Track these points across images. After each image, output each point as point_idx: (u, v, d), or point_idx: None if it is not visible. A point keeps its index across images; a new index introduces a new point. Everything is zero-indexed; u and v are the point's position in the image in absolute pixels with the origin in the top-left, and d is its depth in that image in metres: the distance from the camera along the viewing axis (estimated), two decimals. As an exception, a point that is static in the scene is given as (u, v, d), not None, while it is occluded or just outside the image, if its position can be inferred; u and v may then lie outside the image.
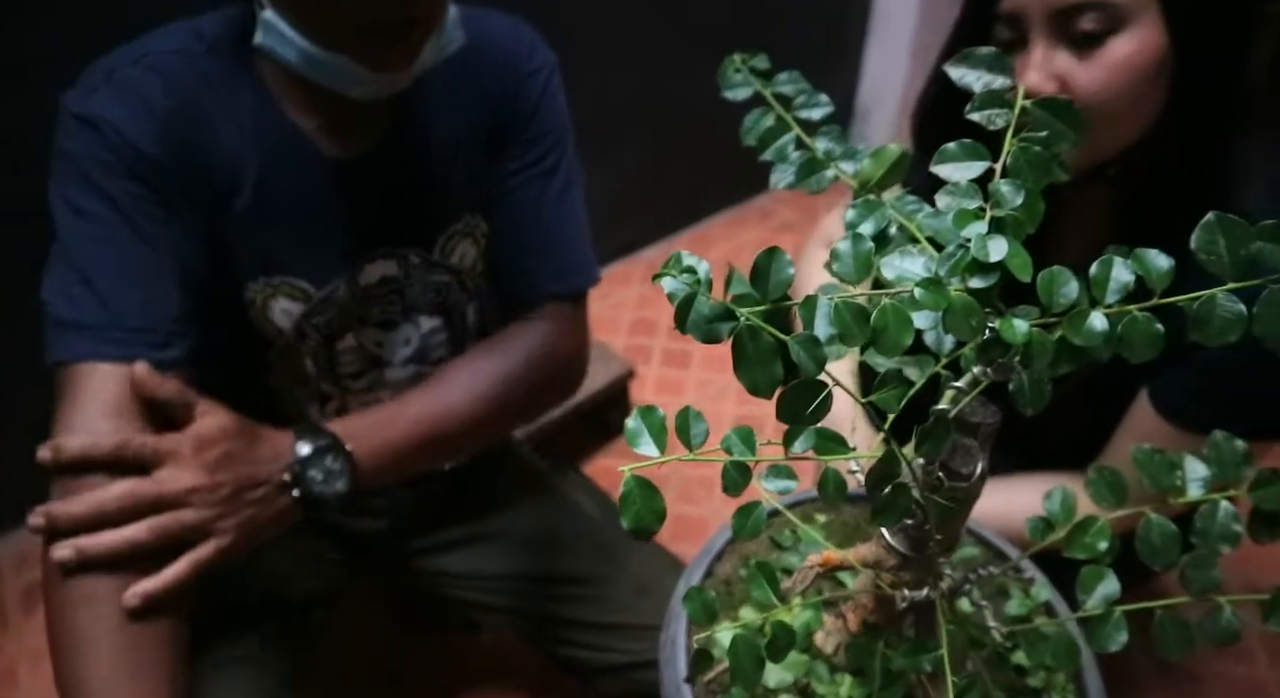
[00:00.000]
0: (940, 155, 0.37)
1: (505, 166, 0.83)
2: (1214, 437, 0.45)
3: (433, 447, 0.79)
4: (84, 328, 0.67)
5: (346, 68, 0.66)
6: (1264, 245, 0.32)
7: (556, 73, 0.85)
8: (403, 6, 0.62)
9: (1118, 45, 0.68)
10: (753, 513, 0.43)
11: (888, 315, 0.31)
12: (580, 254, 0.87)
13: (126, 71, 0.70)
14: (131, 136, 0.68)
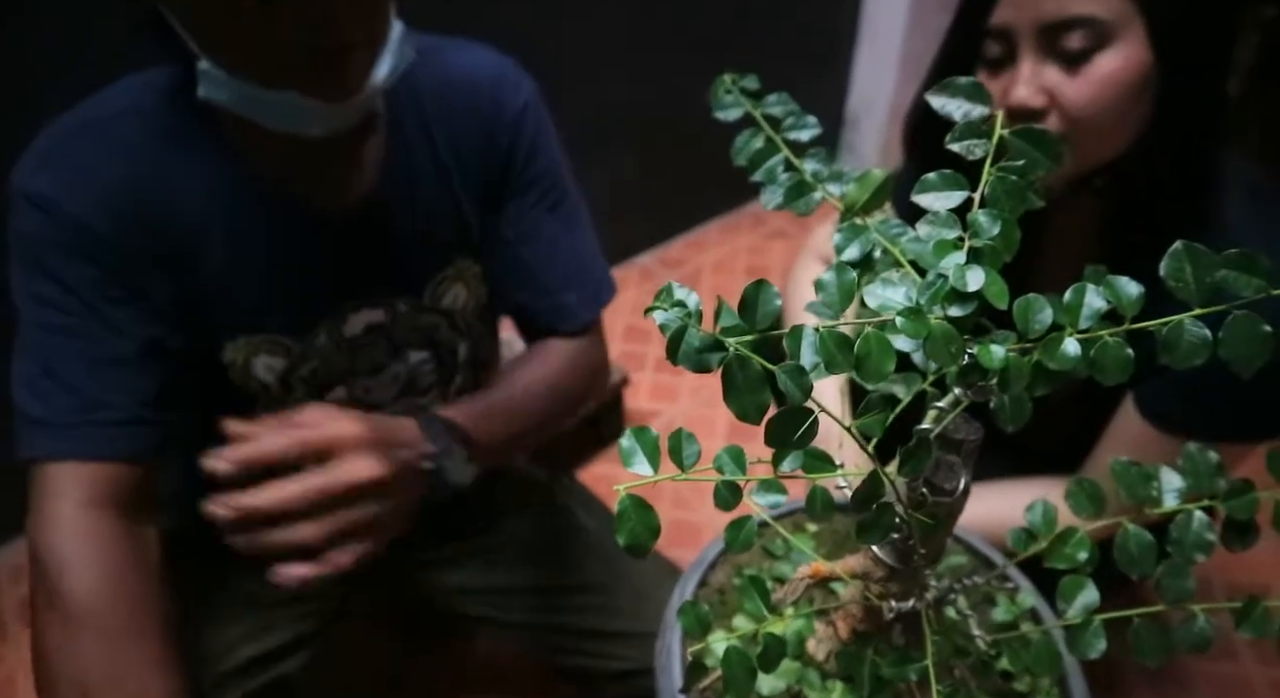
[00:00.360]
0: (921, 185, 0.38)
1: (514, 211, 0.83)
2: (1188, 448, 0.46)
3: (516, 441, 0.81)
4: (50, 425, 0.66)
5: (295, 104, 0.63)
6: (1228, 273, 0.34)
7: (540, 101, 0.85)
8: (334, 32, 0.60)
9: (1104, 61, 0.70)
10: (744, 526, 0.44)
11: (870, 343, 0.33)
12: (601, 273, 0.90)
13: (72, 145, 0.68)
14: (82, 217, 0.66)
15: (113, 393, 0.68)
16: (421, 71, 0.76)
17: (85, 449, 0.66)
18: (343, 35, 0.60)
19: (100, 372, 0.67)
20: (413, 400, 0.88)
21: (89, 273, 0.67)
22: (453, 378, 0.91)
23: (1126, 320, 0.35)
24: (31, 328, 0.67)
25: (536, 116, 0.83)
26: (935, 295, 0.34)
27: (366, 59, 0.64)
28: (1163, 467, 0.47)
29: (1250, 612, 0.41)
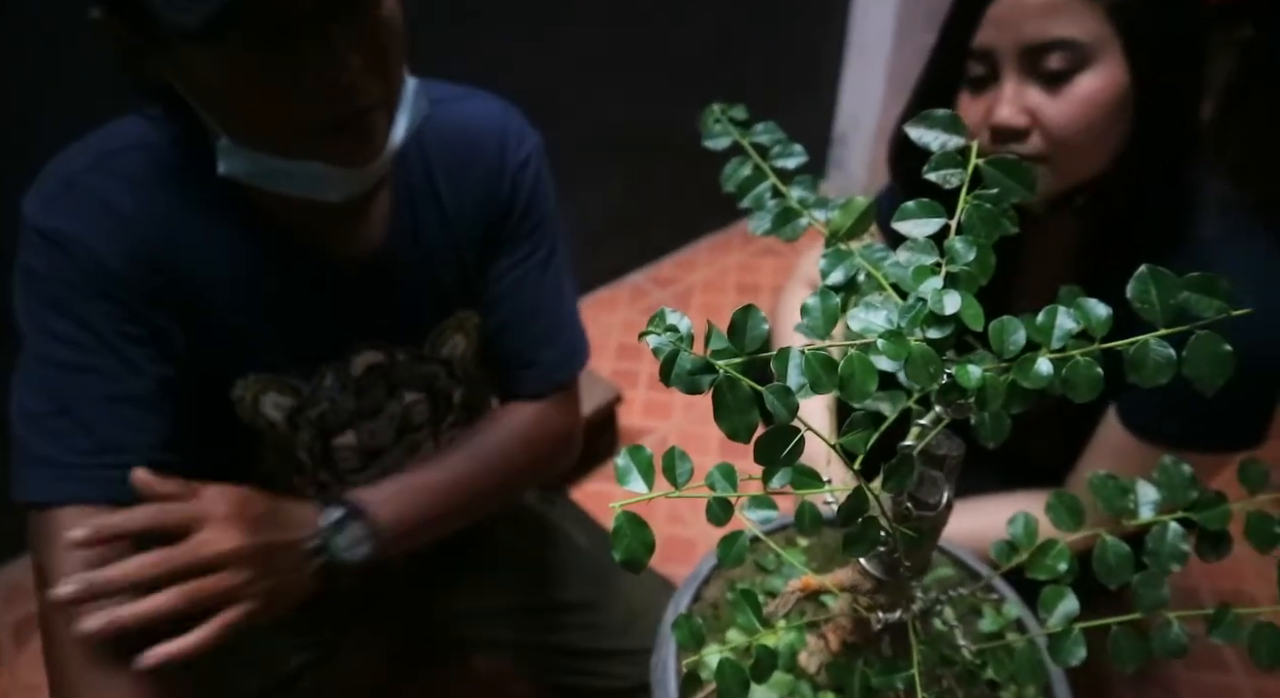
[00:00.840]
0: (900, 213, 0.40)
1: (502, 262, 0.83)
2: (1163, 461, 0.48)
3: (447, 516, 0.80)
4: (62, 467, 0.65)
5: (318, 172, 0.64)
6: (1190, 295, 0.36)
7: (542, 155, 0.85)
8: (354, 99, 0.60)
9: (1084, 82, 0.73)
10: (736, 542, 0.46)
11: (854, 365, 0.34)
12: (577, 338, 0.89)
13: (87, 179, 0.67)
14: (100, 254, 0.65)
15: (126, 434, 0.67)
16: (428, 125, 0.76)
17: (96, 493, 0.65)
18: (363, 100, 0.61)
19: (115, 411, 0.67)
20: (410, 437, 0.89)
21: (106, 310, 0.66)
22: (445, 417, 0.91)
23: (1096, 340, 0.36)
24: (43, 364, 0.66)
25: (536, 171, 0.84)
26: (915, 319, 0.35)
27: (385, 120, 0.65)
28: (1138, 479, 0.48)
29: (1221, 619, 0.43)
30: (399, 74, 0.65)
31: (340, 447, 0.84)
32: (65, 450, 0.65)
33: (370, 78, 0.61)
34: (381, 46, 0.61)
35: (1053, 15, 0.72)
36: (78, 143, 0.69)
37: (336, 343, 0.79)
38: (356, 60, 0.59)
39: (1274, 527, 0.47)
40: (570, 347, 0.88)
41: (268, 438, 0.80)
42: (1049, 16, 0.72)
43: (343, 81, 0.58)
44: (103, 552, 0.63)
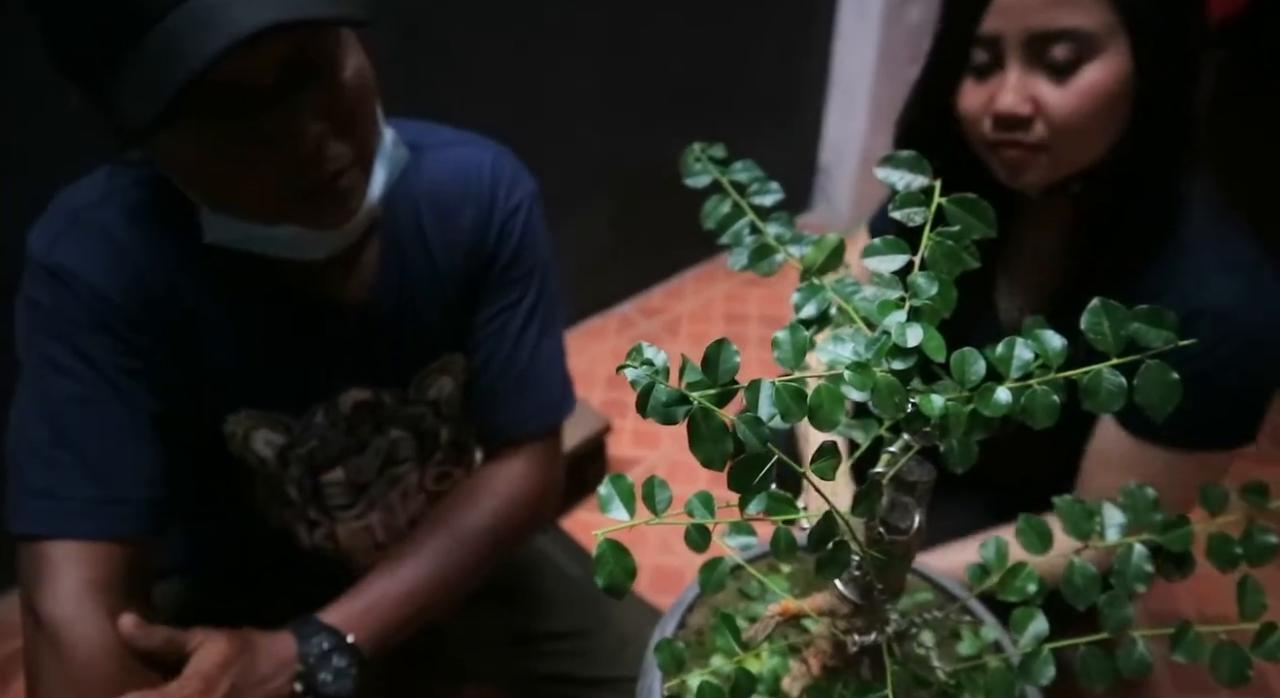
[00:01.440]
0: (867, 250, 0.42)
1: (487, 308, 0.84)
2: (1128, 486, 0.50)
3: (424, 613, 0.79)
4: (59, 499, 0.66)
5: (299, 236, 0.66)
6: (1139, 326, 0.38)
7: (537, 202, 0.85)
8: (324, 165, 0.61)
9: (1089, 73, 0.73)
10: (717, 567, 0.47)
11: (822, 395, 0.36)
12: (558, 389, 0.88)
13: (93, 214, 0.69)
14: (101, 289, 0.67)
15: (122, 468, 0.68)
16: (418, 172, 0.77)
17: (92, 529, 0.66)
18: (333, 165, 0.62)
19: (112, 443, 0.68)
20: (393, 471, 0.89)
21: (105, 343, 0.68)
22: (432, 455, 0.92)
23: (1053, 370, 0.38)
24: (42, 394, 0.67)
25: (528, 219, 0.84)
26: (879, 351, 0.37)
27: (360, 177, 0.66)
28: (1104, 503, 0.50)
29: (1183, 637, 0.44)
30: (371, 131, 0.66)
31: (329, 483, 0.84)
32: (60, 483, 0.66)
33: (339, 142, 0.62)
34: (348, 109, 0.62)
35: (1060, 4, 0.72)
36: (86, 178, 0.71)
37: (326, 384, 0.80)
38: (322, 127, 0.60)
39: (1234, 547, 0.49)
40: (551, 396, 0.88)
41: (258, 474, 0.81)
42: (1057, 5, 0.72)
43: (309, 151, 0.59)
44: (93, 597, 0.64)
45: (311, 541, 0.88)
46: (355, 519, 0.88)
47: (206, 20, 0.52)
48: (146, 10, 0.52)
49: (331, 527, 0.88)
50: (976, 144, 0.82)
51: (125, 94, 0.54)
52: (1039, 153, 0.77)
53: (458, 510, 0.83)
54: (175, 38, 0.52)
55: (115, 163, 0.71)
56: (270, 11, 0.52)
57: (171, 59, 0.52)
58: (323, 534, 0.88)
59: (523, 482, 0.86)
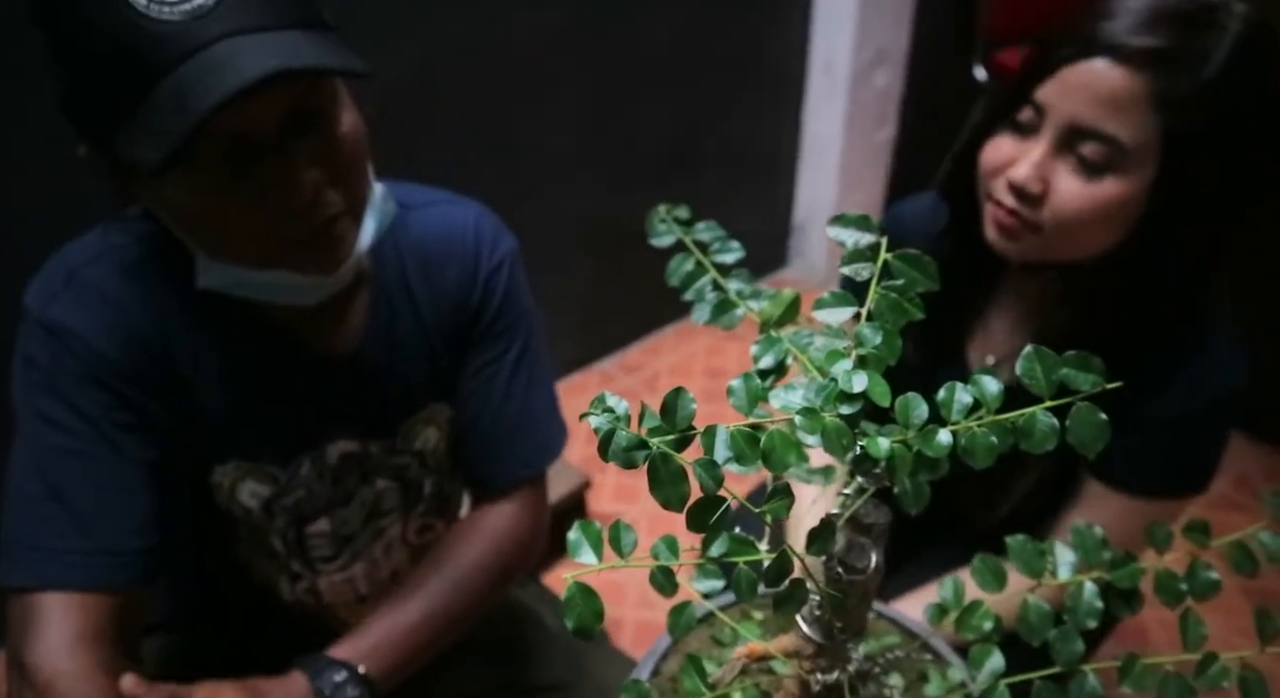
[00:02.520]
0: (816, 303, 0.45)
1: (474, 361, 0.86)
2: (1075, 525, 0.52)
3: (429, 648, 0.81)
4: (50, 551, 0.67)
5: (291, 281, 0.68)
6: (1069, 371, 0.40)
7: (518, 258, 0.89)
8: (318, 211, 0.64)
9: (1110, 182, 0.73)
10: (684, 611, 0.49)
11: (775, 439, 0.39)
12: (547, 432, 0.91)
13: (88, 272, 0.71)
14: (97, 345, 0.69)
15: (114, 519, 0.69)
16: (405, 229, 0.81)
17: (82, 579, 0.67)
18: (327, 212, 0.65)
19: (104, 496, 0.69)
20: (377, 523, 0.90)
21: (100, 397, 0.69)
22: (416, 505, 0.93)
23: (991, 412, 0.41)
24: (36, 448, 0.69)
25: (510, 275, 0.87)
26: (828, 397, 0.40)
27: (351, 226, 0.69)
28: (1056, 542, 0.52)
29: (1130, 669, 0.46)
30: (363, 182, 0.70)
31: (313, 534, 0.85)
32: (51, 535, 0.67)
33: (333, 191, 0.65)
34: (343, 160, 0.65)
35: (1113, 109, 0.71)
36: (81, 237, 0.74)
37: (314, 434, 0.81)
38: (318, 175, 0.63)
39: (1180, 584, 0.51)
40: (539, 442, 0.90)
41: (242, 525, 0.82)
42: (1110, 109, 0.71)
43: (305, 197, 0.63)
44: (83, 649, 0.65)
45: (293, 594, 0.89)
46: (338, 572, 0.89)
47: (215, 70, 0.55)
48: (161, 62, 0.56)
49: (314, 580, 0.88)
50: (981, 191, 0.83)
51: (134, 140, 0.57)
52: (1032, 230, 0.78)
53: (456, 548, 0.86)
54: (185, 86, 0.55)
55: (113, 218, 0.74)
56: (275, 60, 0.56)
57: (181, 105, 0.55)
58: (304, 588, 0.89)
59: (515, 523, 0.89)
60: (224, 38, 0.56)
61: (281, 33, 0.59)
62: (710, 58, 2.06)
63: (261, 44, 0.57)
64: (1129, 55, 0.70)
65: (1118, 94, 0.71)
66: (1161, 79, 0.70)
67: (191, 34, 0.56)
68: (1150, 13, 0.71)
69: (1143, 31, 0.70)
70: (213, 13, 0.56)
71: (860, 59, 2.17)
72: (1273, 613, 0.48)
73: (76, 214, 0.75)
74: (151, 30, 0.55)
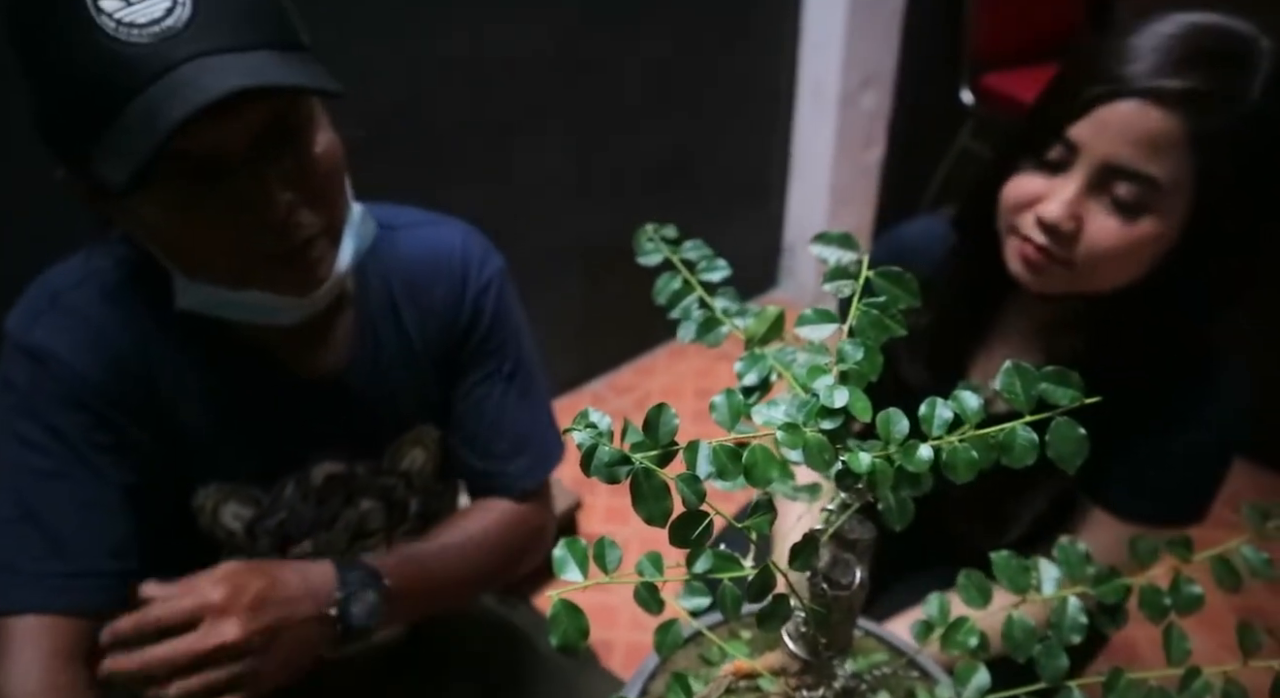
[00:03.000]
0: (799, 320, 0.46)
1: (466, 381, 0.86)
2: (1060, 542, 0.52)
3: (445, 588, 0.82)
4: (24, 574, 0.67)
5: (269, 302, 0.68)
6: (1048, 386, 0.41)
7: (506, 277, 0.89)
8: (295, 231, 0.65)
9: (1144, 224, 0.73)
10: (671, 629, 0.49)
11: (756, 454, 0.39)
12: (547, 444, 0.91)
13: (71, 295, 0.71)
14: (78, 367, 0.69)
15: (90, 542, 0.69)
16: (391, 250, 0.81)
17: (57, 602, 0.67)
18: (303, 232, 0.65)
19: (81, 518, 0.69)
20: (362, 543, 0.90)
21: (79, 420, 0.69)
22: (399, 526, 0.93)
23: (972, 427, 0.41)
24: (13, 470, 0.69)
25: (498, 295, 0.87)
26: (810, 412, 0.40)
27: (330, 247, 0.69)
28: (1040, 559, 0.52)
29: (1114, 684, 0.46)
30: (340, 203, 0.70)
31: (297, 556, 0.85)
32: (27, 558, 0.67)
33: (309, 211, 0.65)
34: (319, 181, 0.65)
35: (1150, 149, 0.71)
36: (63, 262, 0.74)
37: (298, 455, 0.81)
38: (293, 196, 0.63)
39: (1164, 599, 0.51)
40: (538, 454, 0.90)
41: (225, 549, 0.81)
42: (1147, 149, 0.71)
43: (278, 217, 0.63)
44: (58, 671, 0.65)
45: None
46: None
47: (181, 89, 0.56)
48: (130, 84, 0.56)
49: None
50: (1001, 227, 0.82)
51: (105, 160, 0.57)
52: (1060, 265, 0.77)
53: (467, 516, 0.88)
54: (153, 107, 0.56)
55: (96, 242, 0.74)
56: (239, 79, 0.56)
57: (148, 125, 0.55)
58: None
59: (523, 513, 0.90)
60: (192, 58, 0.57)
61: (251, 53, 0.59)
62: (701, 80, 2.08)
63: (228, 63, 0.57)
64: (1165, 96, 0.70)
65: (1155, 134, 0.70)
66: (1197, 119, 0.70)
67: (160, 56, 0.56)
68: (1184, 53, 0.71)
69: (1178, 72, 0.70)
70: (181, 34, 0.57)
71: (848, 81, 2.19)
72: (1255, 627, 0.48)
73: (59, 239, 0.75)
74: (121, 53, 0.56)
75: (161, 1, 0.57)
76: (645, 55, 1.93)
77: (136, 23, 0.56)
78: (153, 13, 0.56)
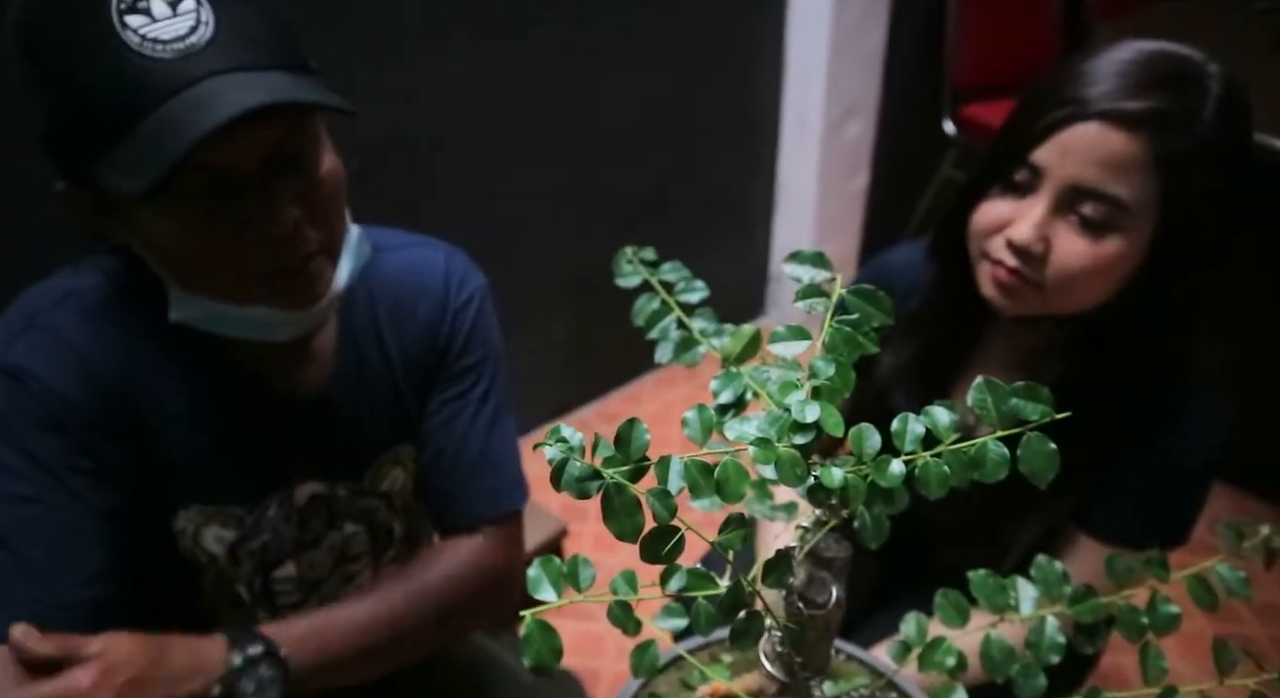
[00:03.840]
0: (772, 336, 0.46)
1: (438, 396, 0.86)
2: (1038, 560, 0.52)
3: (366, 657, 0.78)
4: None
5: (265, 316, 0.68)
6: (1018, 401, 0.41)
7: (487, 297, 0.89)
8: (297, 247, 0.65)
9: (1111, 243, 0.75)
10: (648, 650, 0.48)
11: (728, 469, 0.39)
12: (511, 477, 0.89)
13: (50, 316, 0.71)
14: (56, 387, 0.68)
15: (64, 568, 0.68)
16: (376, 270, 0.81)
17: None
18: (305, 248, 0.66)
19: (56, 542, 0.68)
20: (347, 568, 0.89)
21: (57, 443, 0.68)
22: (386, 550, 0.92)
23: (945, 442, 0.41)
24: None
25: (478, 312, 0.87)
26: (781, 427, 0.40)
27: (328, 264, 0.70)
28: (1018, 577, 0.52)
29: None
30: (341, 223, 0.71)
31: (280, 579, 0.84)
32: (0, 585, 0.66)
33: (311, 228, 0.66)
34: (322, 200, 0.67)
35: (1115, 170, 0.72)
36: (44, 282, 0.73)
37: (281, 475, 0.81)
38: (298, 213, 0.64)
39: (1141, 618, 0.51)
40: (503, 483, 0.88)
41: (207, 572, 0.81)
42: (1111, 170, 0.72)
43: (285, 233, 0.64)
44: None
45: None
46: None
47: (203, 104, 0.57)
48: (150, 98, 0.57)
49: None
50: (972, 252, 0.83)
51: (119, 171, 0.58)
52: (1032, 287, 0.79)
53: (416, 566, 0.84)
54: (173, 119, 0.57)
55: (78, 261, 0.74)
56: (261, 95, 0.58)
57: (169, 137, 0.56)
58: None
59: (481, 557, 0.86)
60: (212, 75, 0.58)
61: (267, 72, 0.61)
62: (686, 110, 2.10)
63: (248, 81, 0.59)
64: (1126, 117, 0.72)
65: (1118, 155, 0.72)
66: (1159, 139, 0.72)
67: (181, 71, 0.58)
68: (1142, 76, 0.73)
69: (1138, 94, 0.72)
70: (203, 53, 0.58)
71: (832, 111, 2.21)
72: (1230, 645, 0.48)
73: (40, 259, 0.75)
74: (143, 67, 0.57)
75: (185, 19, 0.58)
76: (631, 86, 1.95)
77: (161, 39, 0.58)
78: (177, 30, 0.58)
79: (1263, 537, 0.51)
